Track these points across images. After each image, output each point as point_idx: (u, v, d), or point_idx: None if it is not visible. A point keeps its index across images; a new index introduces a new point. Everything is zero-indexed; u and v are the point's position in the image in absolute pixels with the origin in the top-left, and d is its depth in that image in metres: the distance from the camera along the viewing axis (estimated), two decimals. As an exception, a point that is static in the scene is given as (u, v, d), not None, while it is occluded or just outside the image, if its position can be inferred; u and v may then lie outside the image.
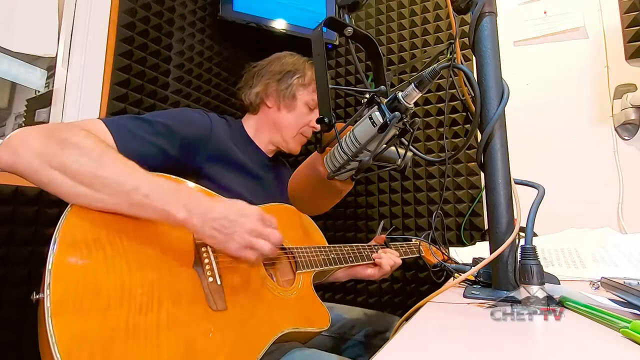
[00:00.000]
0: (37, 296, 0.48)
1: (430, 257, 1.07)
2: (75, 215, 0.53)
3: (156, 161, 0.71)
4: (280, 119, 0.99)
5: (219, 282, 0.61)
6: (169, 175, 0.68)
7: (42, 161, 0.53)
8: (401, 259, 1.01)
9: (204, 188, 0.73)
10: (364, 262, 0.96)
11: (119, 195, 0.55)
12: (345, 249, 0.94)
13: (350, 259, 0.92)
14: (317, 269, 0.84)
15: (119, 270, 0.52)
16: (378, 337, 0.98)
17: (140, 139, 0.70)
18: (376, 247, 1.02)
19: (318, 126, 0.97)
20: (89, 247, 0.52)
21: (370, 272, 0.98)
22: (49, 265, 0.47)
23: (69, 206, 0.54)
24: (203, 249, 0.63)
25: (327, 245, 0.92)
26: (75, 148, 0.55)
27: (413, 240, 1.15)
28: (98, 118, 0.67)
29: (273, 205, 0.86)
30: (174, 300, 0.55)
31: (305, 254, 0.84)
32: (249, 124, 1.02)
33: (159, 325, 0.52)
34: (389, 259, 0.97)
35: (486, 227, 1.27)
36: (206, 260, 0.63)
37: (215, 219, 0.59)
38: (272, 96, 1.00)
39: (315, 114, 1.02)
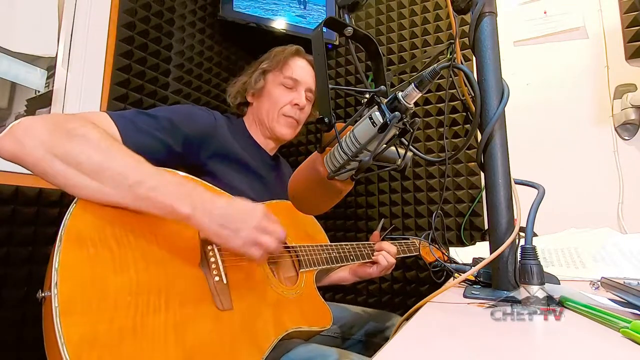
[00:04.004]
0: (43, 294, 0.48)
1: (427, 255, 1.07)
2: (81, 212, 0.52)
3: (160, 156, 0.71)
4: (260, 108, 1.00)
5: (225, 281, 0.61)
6: (174, 170, 0.67)
7: (46, 151, 0.52)
8: (399, 257, 1.01)
9: (207, 183, 0.73)
10: (365, 260, 0.96)
11: (124, 188, 0.54)
12: (347, 247, 0.94)
13: (352, 257, 0.93)
14: (319, 267, 0.84)
15: (126, 269, 0.52)
16: (378, 336, 0.99)
17: (145, 133, 0.70)
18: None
19: (301, 102, 1.00)
20: (95, 245, 0.51)
21: (369, 271, 0.98)
22: (55, 264, 0.47)
23: (73, 202, 0.53)
24: (209, 247, 0.63)
25: (329, 243, 0.93)
26: (81, 139, 0.54)
27: (410, 239, 1.15)
28: (104, 111, 0.67)
29: (276, 202, 0.86)
30: (181, 299, 0.55)
31: (308, 252, 0.84)
32: (247, 123, 1.03)
33: (167, 325, 0.52)
34: (385, 255, 0.97)
35: (486, 227, 1.27)
36: (212, 259, 0.63)
37: (219, 215, 0.58)
38: (248, 91, 1.02)
39: (296, 93, 1.00)
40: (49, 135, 0.53)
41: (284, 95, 0.99)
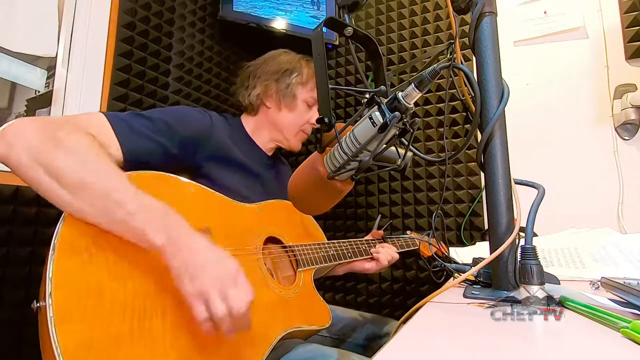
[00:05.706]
0: (38, 304, 0.47)
1: (425, 251, 1.07)
2: (74, 219, 0.52)
3: (157, 158, 0.70)
4: (281, 118, 1.00)
5: None
6: (166, 174, 0.67)
7: (31, 157, 0.51)
8: (398, 252, 1.02)
9: (205, 187, 0.73)
10: (363, 257, 0.96)
11: (100, 208, 0.51)
12: (344, 244, 0.94)
13: (349, 254, 0.93)
14: (317, 266, 0.84)
15: (120, 275, 0.52)
16: (378, 341, 0.98)
17: (142, 135, 0.69)
18: (373, 242, 1.02)
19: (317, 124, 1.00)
20: (89, 252, 0.51)
21: (368, 266, 0.99)
22: (49, 274, 0.46)
23: None
24: None
25: (327, 241, 0.93)
26: (67, 150, 0.53)
27: (408, 233, 1.15)
28: (100, 112, 0.66)
29: (273, 202, 0.86)
30: (177, 303, 0.55)
31: (306, 251, 0.84)
32: (248, 123, 1.02)
33: (164, 329, 0.52)
34: (387, 253, 0.98)
35: (486, 227, 1.27)
36: None
37: (188, 253, 0.53)
38: (271, 97, 1.00)
39: (314, 112, 1.03)
40: (38, 140, 0.52)
41: (305, 113, 1.01)
